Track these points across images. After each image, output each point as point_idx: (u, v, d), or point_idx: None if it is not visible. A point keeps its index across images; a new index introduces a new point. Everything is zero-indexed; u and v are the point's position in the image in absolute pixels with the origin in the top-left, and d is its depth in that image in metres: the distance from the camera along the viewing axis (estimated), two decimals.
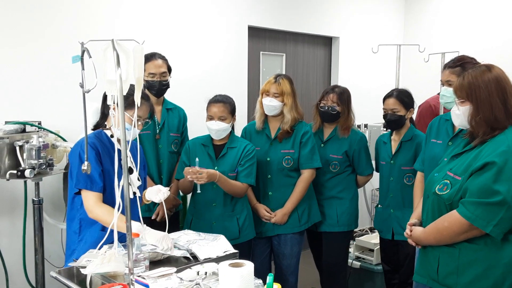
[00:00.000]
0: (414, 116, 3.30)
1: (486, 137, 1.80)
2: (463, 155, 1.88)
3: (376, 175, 3.25)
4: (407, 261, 3.00)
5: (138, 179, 2.26)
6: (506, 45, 4.56)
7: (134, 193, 2.23)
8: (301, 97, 4.60)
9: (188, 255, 2.04)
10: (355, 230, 3.99)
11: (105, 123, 2.25)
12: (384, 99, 3.04)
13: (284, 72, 4.46)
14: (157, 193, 2.16)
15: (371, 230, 4.19)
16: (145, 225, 2.02)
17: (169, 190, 2.20)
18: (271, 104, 2.84)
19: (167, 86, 2.87)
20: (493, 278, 1.72)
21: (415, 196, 2.67)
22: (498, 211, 1.67)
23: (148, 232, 2.00)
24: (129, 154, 2.24)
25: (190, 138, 2.98)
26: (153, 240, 1.98)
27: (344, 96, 3.01)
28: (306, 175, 2.91)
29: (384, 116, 3.02)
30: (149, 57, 2.81)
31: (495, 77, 1.79)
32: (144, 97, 2.22)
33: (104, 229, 2.10)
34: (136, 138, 2.01)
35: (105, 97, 2.07)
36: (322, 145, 3.09)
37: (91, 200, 2.10)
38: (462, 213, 1.73)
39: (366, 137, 3.27)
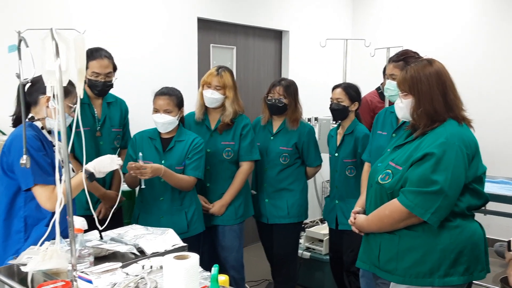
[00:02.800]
0: None
1: (426, 129, 1.86)
2: (405, 146, 1.94)
3: (326, 167, 3.31)
4: (349, 250, 3.08)
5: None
6: (447, 39, 4.75)
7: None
8: (251, 90, 4.63)
9: (135, 251, 2.00)
10: (306, 221, 4.05)
11: (31, 114, 2.11)
12: (333, 88, 3.12)
13: (235, 65, 4.46)
14: (111, 163, 2.12)
15: (322, 221, 4.28)
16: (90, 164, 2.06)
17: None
18: (212, 97, 2.84)
19: (111, 86, 2.76)
20: (430, 263, 1.79)
21: (362, 185, 2.75)
22: (436, 200, 1.74)
23: (95, 163, 2.05)
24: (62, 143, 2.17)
25: (136, 131, 2.91)
26: (102, 164, 2.07)
27: (290, 88, 3.05)
28: (245, 167, 2.94)
29: (330, 105, 3.10)
30: (94, 54, 2.65)
31: (436, 71, 1.85)
32: (73, 83, 2.11)
33: (48, 224, 2.02)
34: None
35: (24, 85, 1.90)
36: (272, 137, 3.12)
37: (48, 193, 1.98)
38: (402, 202, 1.79)
39: (315, 129, 3.33)
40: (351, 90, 3.05)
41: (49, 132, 2.12)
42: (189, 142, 2.68)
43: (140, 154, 2.47)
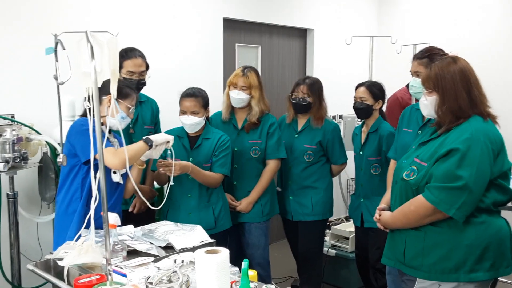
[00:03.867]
0: (384, 109, 3.38)
1: (451, 125, 1.87)
2: (430, 142, 1.95)
3: (351, 165, 3.33)
4: (375, 247, 3.09)
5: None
6: (474, 35, 4.69)
7: (117, 182, 2.29)
8: (276, 88, 4.66)
9: (154, 251, 2.01)
10: (331, 219, 4.07)
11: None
12: (356, 87, 3.13)
13: (259, 64, 4.50)
14: (165, 139, 2.37)
15: (347, 219, 4.28)
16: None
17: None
18: (238, 97, 2.90)
19: (144, 84, 2.87)
20: (456, 259, 1.80)
21: (387, 182, 2.76)
22: (461, 195, 1.75)
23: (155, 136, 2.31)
24: (116, 141, 2.30)
25: (163, 130, 2.99)
26: (160, 137, 2.32)
27: (315, 87, 3.07)
28: (272, 165, 2.98)
29: (353, 104, 3.11)
30: (128, 54, 2.78)
31: (460, 68, 1.86)
32: (132, 87, 2.41)
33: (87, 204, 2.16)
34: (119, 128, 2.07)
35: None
36: (297, 135, 3.16)
37: (111, 152, 2.14)
38: (427, 197, 1.81)
39: (340, 127, 3.35)
40: (374, 89, 3.06)
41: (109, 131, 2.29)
42: (215, 140, 2.75)
43: (169, 151, 2.54)
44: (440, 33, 4.85)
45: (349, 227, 3.82)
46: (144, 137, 2.33)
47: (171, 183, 2.57)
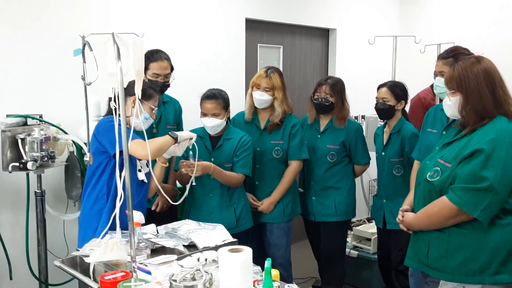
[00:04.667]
0: (408, 109, 3.35)
1: (475, 126, 1.86)
2: (454, 143, 1.94)
3: (373, 166, 3.32)
4: (397, 249, 3.07)
5: (147, 165, 2.35)
6: (500, 34, 4.60)
7: (142, 180, 2.33)
8: (298, 89, 4.66)
9: (181, 247, 2.05)
10: (353, 220, 4.05)
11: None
12: (378, 88, 3.11)
13: (281, 64, 4.51)
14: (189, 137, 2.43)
15: (369, 220, 4.25)
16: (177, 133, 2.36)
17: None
18: (261, 98, 2.91)
19: (168, 86, 2.92)
20: (480, 261, 1.79)
21: (410, 183, 2.73)
22: (486, 197, 1.74)
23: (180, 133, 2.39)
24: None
25: (186, 130, 3.02)
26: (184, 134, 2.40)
27: (337, 87, 3.07)
28: (294, 166, 2.99)
29: (376, 105, 3.10)
30: (154, 56, 2.83)
31: (484, 68, 1.85)
32: (155, 89, 2.47)
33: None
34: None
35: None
36: (319, 136, 3.16)
37: (139, 143, 2.17)
38: (451, 199, 1.80)
39: (363, 128, 3.33)
40: (396, 89, 3.04)
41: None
42: (237, 140, 2.77)
43: (191, 152, 2.58)
44: (465, 32, 4.78)
45: (371, 228, 3.80)
46: (170, 132, 2.38)
47: (193, 183, 2.60)
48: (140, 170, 2.36)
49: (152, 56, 2.81)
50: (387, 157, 3.08)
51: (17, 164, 2.63)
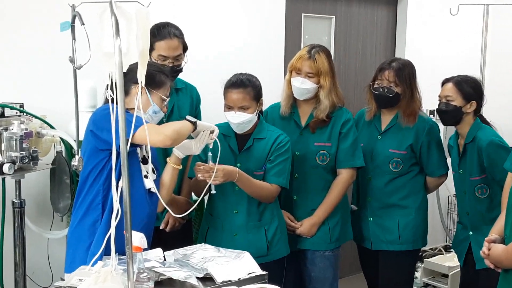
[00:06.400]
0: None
1: None
2: None
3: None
4: None
5: (154, 171, 2.37)
6: None
7: (149, 189, 2.34)
8: (354, 74, 4.63)
9: (194, 280, 2.04)
10: (424, 248, 3.99)
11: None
12: (442, 83, 3.06)
13: (332, 42, 4.48)
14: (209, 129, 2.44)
15: (446, 249, 4.19)
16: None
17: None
18: (303, 87, 2.89)
19: (179, 71, 2.91)
20: None
21: (502, 205, 2.66)
22: None
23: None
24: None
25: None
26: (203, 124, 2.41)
27: (405, 72, 3.02)
28: (345, 176, 2.97)
29: (438, 106, 3.06)
30: (161, 32, 2.81)
31: None
32: (166, 73, 2.47)
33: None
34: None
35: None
36: (379, 137, 3.13)
37: (150, 127, 2.13)
38: None
39: (440, 127, 3.27)
40: (466, 86, 2.97)
41: None
42: (271, 140, 2.76)
43: (210, 154, 2.57)
44: None
45: (448, 261, 3.75)
46: (187, 116, 2.39)
47: (213, 191, 2.60)
48: (146, 176, 2.37)
49: (158, 32, 2.79)
50: (466, 175, 3.03)
51: None
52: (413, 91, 3.06)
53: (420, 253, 3.58)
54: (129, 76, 1.92)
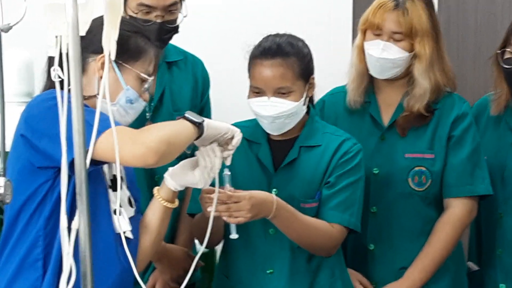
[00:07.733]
0: None
1: None
2: None
3: None
4: None
5: (130, 203, 2.39)
6: None
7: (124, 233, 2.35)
8: (472, 42, 4.63)
9: None
10: None
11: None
12: None
13: None
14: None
15: None
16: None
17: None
18: (385, 57, 2.92)
19: (174, 31, 3.00)
20: None
21: None
22: None
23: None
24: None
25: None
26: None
27: None
28: (459, 211, 2.99)
29: None
30: None
31: None
32: (148, 36, 2.44)
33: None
34: None
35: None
36: None
37: (125, 133, 2.15)
38: None
39: None
40: None
41: None
42: (331, 149, 2.77)
43: (227, 172, 2.55)
44: None
45: None
46: (186, 112, 2.29)
47: (233, 235, 2.58)
48: (119, 212, 2.37)
49: None
50: None
51: None
52: None
53: None
54: (86, 42, 1.93)
